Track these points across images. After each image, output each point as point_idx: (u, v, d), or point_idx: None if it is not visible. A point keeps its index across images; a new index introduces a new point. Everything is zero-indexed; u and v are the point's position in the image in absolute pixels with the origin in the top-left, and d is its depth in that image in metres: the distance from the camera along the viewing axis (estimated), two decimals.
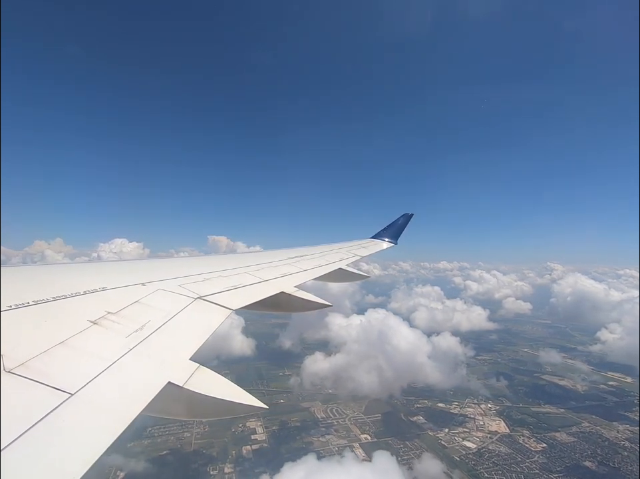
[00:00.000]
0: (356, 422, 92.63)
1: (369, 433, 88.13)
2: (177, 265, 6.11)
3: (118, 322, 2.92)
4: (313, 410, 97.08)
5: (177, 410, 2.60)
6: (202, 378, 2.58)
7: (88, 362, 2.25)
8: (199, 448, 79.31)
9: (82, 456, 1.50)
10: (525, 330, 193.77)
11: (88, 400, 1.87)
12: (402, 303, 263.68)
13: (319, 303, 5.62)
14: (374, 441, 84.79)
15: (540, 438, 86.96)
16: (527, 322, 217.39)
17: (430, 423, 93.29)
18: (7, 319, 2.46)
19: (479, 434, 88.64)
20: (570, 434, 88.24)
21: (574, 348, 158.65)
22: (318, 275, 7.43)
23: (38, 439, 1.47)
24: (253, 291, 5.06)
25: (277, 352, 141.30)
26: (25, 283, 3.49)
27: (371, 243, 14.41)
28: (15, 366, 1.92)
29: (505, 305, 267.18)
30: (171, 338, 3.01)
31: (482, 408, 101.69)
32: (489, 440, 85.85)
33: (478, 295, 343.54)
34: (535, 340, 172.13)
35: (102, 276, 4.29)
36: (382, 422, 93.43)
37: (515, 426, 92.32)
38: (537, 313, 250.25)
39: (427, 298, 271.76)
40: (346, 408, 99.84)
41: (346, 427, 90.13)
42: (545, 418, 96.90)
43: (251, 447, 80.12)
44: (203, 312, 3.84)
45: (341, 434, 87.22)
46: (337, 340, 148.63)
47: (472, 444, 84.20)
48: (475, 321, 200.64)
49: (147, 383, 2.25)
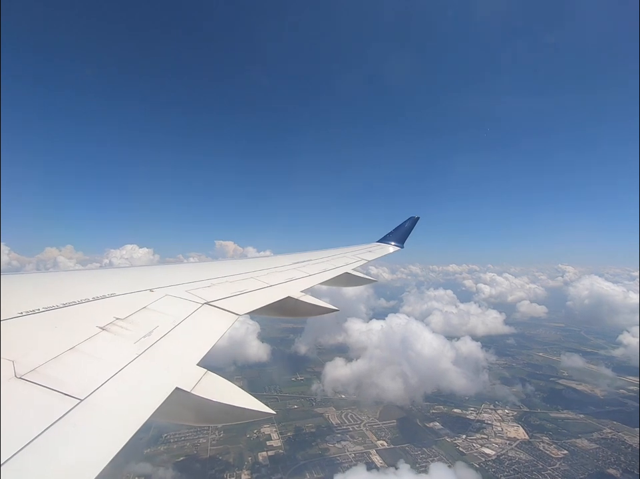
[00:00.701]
0: (371, 428, 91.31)
1: (385, 439, 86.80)
2: (184, 271, 6.16)
3: (126, 328, 2.96)
4: (327, 416, 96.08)
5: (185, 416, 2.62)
6: (210, 384, 2.59)
7: (97, 368, 2.28)
8: (216, 454, 79.01)
9: (92, 461, 1.51)
10: (538, 334, 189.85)
11: (97, 406, 1.90)
12: (415, 306, 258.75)
13: (326, 307, 5.60)
14: (391, 447, 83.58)
15: (561, 444, 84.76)
16: (540, 325, 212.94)
17: (447, 429, 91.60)
18: (19, 325, 2.52)
19: (497, 440, 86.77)
20: (591, 441, 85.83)
21: (590, 352, 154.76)
22: (324, 280, 7.38)
23: (49, 445, 1.49)
24: (260, 296, 5.09)
25: (292, 357, 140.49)
26: (36, 289, 3.56)
27: (377, 247, 14.36)
28: (26, 372, 1.96)
29: (520, 308, 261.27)
30: (179, 344, 3.03)
31: (499, 414, 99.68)
32: (509, 447, 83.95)
33: (490, 298, 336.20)
34: (549, 344, 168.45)
35: (111, 282, 4.34)
36: (398, 428, 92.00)
37: (534, 432, 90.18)
38: (552, 316, 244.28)
39: (440, 301, 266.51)
40: (361, 413, 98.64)
41: (361, 433, 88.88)
42: (564, 423, 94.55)
43: (267, 453, 79.42)
44: (210, 317, 3.86)
45: (357, 440, 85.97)
46: (355, 345, 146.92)
47: (491, 451, 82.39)
48: (491, 325, 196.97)
49: (155, 389, 2.27)
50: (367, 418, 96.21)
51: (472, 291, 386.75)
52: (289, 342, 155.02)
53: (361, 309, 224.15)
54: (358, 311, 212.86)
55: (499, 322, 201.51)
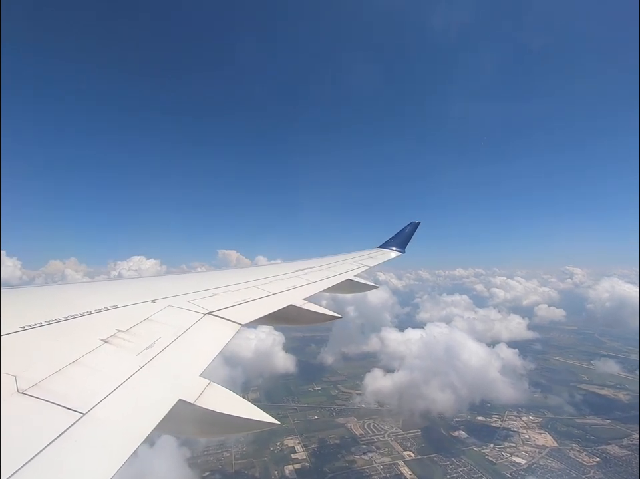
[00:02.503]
0: (396, 438, 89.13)
1: (412, 450, 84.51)
2: (186, 281, 6.17)
3: (128, 340, 2.96)
4: (349, 426, 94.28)
5: (189, 428, 2.60)
6: (213, 395, 2.57)
7: (100, 381, 2.27)
8: (241, 468, 78.01)
9: (95, 476, 1.51)
10: (552, 337, 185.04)
11: (99, 420, 1.88)
12: (432, 312, 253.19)
13: (329, 315, 5.55)
14: (419, 458, 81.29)
15: (591, 451, 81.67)
16: (553, 328, 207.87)
17: (473, 438, 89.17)
18: (20, 339, 2.52)
19: (526, 448, 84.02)
20: (622, 447, 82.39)
21: (607, 355, 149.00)
22: (326, 287, 7.36)
23: (51, 460, 1.47)
24: (262, 305, 5.07)
25: (312, 366, 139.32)
26: (37, 303, 3.56)
27: (379, 252, 14.32)
28: (28, 387, 1.95)
29: (538, 312, 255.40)
30: (182, 355, 3.02)
31: (524, 421, 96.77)
32: (539, 455, 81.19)
33: (505, 302, 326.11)
34: (564, 347, 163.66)
35: (113, 294, 4.36)
36: (423, 438, 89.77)
37: (562, 439, 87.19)
38: (571, 319, 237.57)
39: (457, 307, 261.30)
40: (383, 423, 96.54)
41: (386, 444, 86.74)
42: (592, 430, 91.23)
43: (293, 466, 77.96)
44: (212, 327, 3.85)
45: (383, 451, 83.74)
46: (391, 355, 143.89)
47: (522, 460, 79.73)
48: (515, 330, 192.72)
49: (158, 401, 2.25)
50: (390, 428, 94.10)
51: (483, 295, 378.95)
52: (314, 352, 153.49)
53: (386, 317, 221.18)
54: (383, 319, 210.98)
55: (523, 327, 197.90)
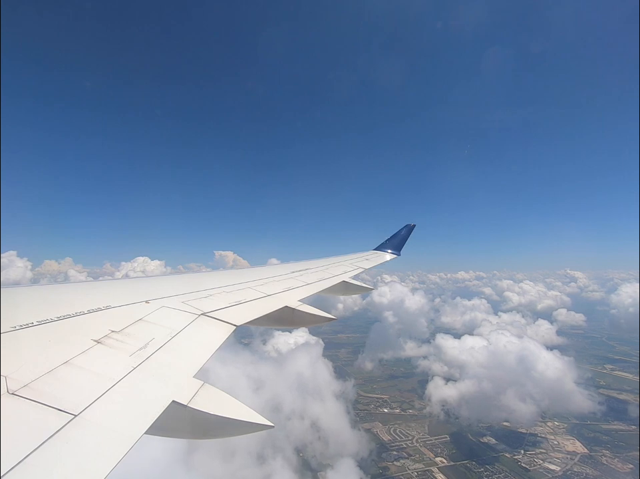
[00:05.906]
0: (425, 444, 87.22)
1: (443, 456, 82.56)
2: (181, 282, 6.19)
3: (121, 341, 2.94)
4: (375, 432, 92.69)
5: (182, 430, 2.57)
6: (207, 396, 2.55)
7: (92, 382, 2.26)
8: None
9: (87, 478, 1.51)
10: (578, 344, 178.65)
11: (92, 421, 1.87)
12: (454, 317, 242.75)
13: (324, 316, 5.52)
14: (452, 464, 79.44)
15: (623, 457, 78.78)
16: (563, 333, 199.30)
17: (502, 444, 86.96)
18: (11, 339, 2.51)
19: (557, 454, 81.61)
20: None
21: (619, 360, 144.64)
22: (322, 289, 7.36)
23: (41, 462, 1.47)
24: (257, 306, 5.05)
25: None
26: (29, 303, 3.52)
27: (374, 254, 14.32)
28: (19, 388, 1.95)
29: (557, 317, 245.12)
30: (175, 356, 3.00)
31: (550, 426, 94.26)
32: (571, 461, 78.82)
33: (520, 306, 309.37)
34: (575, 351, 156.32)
35: (106, 294, 4.35)
36: (453, 444, 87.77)
37: (592, 445, 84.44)
38: (591, 324, 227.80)
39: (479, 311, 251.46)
40: (409, 428, 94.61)
41: (416, 450, 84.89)
42: (619, 435, 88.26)
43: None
44: (206, 328, 3.82)
45: (415, 457, 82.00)
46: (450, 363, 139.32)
47: (555, 467, 77.61)
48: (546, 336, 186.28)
49: (151, 402, 2.24)
50: (417, 434, 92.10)
51: (493, 299, 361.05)
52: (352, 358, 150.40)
53: (422, 323, 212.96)
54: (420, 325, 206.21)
55: (553, 332, 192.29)
